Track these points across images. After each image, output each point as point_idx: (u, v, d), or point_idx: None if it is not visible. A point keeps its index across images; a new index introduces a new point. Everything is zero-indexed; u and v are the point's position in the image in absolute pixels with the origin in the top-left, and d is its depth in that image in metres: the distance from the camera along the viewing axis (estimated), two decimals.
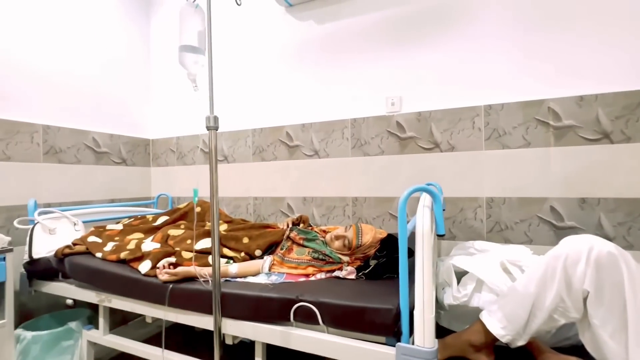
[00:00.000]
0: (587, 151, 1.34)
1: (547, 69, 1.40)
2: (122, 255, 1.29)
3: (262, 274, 1.17)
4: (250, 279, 1.14)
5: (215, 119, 0.90)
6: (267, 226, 1.49)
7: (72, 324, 1.44)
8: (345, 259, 1.20)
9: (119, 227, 1.61)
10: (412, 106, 1.64)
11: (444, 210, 1.52)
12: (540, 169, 1.41)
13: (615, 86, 1.31)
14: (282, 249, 1.27)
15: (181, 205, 1.72)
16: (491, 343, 0.81)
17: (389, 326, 0.83)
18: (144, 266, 1.20)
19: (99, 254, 1.35)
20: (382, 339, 0.88)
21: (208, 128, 0.90)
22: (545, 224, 1.41)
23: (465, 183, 1.53)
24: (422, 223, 0.78)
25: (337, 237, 1.23)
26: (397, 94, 1.67)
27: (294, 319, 0.95)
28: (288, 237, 1.33)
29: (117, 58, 2.14)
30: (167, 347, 1.20)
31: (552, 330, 0.89)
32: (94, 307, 1.51)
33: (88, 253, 1.39)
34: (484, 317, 0.80)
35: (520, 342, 0.76)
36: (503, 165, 1.47)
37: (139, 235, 1.49)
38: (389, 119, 1.68)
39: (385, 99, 1.69)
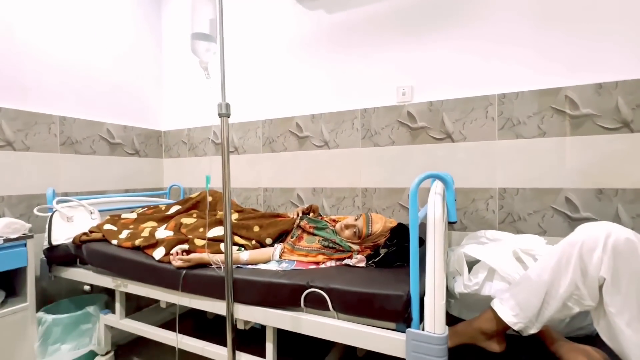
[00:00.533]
0: (605, 140, 1.30)
1: (565, 56, 1.36)
2: (137, 242, 1.33)
3: (273, 261, 1.19)
4: (261, 266, 1.15)
5: (227, 106, 0.91)
6: (278, 215, 1.50)
7: (90, 309, 1.49)
8: (355, 247, 1.20)
9: (134, 216, 1.65)
10: (423, 96, 1.62)
11: (455, 200, 1.51)
12: (555, 159, 1.38)
13: (636, 73, 1.26)
14: (292, 237, 1.28)
15: (193, 195, 1.75)
16: (502, 331, 0.80)
17: (399, 312, 0.83)
18: (158, 253, 1.23)
19: (114, 241, 1.39)
20: (392, 325, 0.88)
21: (220, 115, 0.90)
22: (559, 215, 1.38)
23: (477, 174, 1.51)
24: (434, 209, 0.78)
25: (347, 226, 1.24)
26: (408, 83, 1.64)
27: (304, 304, 0.96)
28: (298, 225, 1.34)
29: (129, 50, 2.17)
30: (181, 333, 1.23)
31: (566, 319, 0.88)
32: (110, 293, 1.56)
33: (104, 240, 1.43)
34: (496, 304, 0.80)
35: (533, 330, 0.75)
36: (517, 155, 1.44)
37: (153, 223, 1.53)
38: (400, 109, 1.66)
39: (396, 89, 1.67)
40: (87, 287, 1.51)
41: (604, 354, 0.75)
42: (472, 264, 1.04)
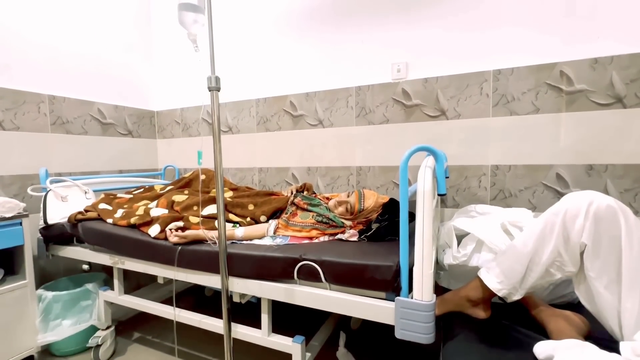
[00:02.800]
0: (598, 116, 1.31)
1: (561, 29, 1.34)
2: (132, 220, 1.34)
3: (267, 236, 1.20)
4: (255, 242, 1.17)
5: (217, 79, 0.89)
6: (272, 193, 1.51)
7: (89, 285, 1.52)
8: (348, 223, 1.22)
9: (129, 196, 1.66)
10: (418, 72, 1.60)
11: (447, 177, 1.53)
12: (548, 136, 1.39)
13: (633, 47, 1.25)
14: (286, 214, 1.30)
15: (186, 175, 1.75)
16: (488, 298, 0.83)
17: (388, 282, 0.86)
18: (154, 230, 1.24)
19: (109, 220, 1.40)
20: (382, 294, 0.91)
21: (210, 89, 0.89)
22: (549, 191, 1.40)
23: (471, 151, 1.52)
24: (424, 182, 0.79)
25: (340, 203, 1.25)
26: (403, 60, 1.62)
27: (298, 277, 0.98)
28: (292, 202, 1.35)
29: (117, 26, 2.10)
30: (180, 308, 1.26)
31: (549, 287, 0.92)
32: (108, 272, 1.58)
33: (99, 219, 1.44)
34: (482, 273, 0.82)
35: (516, 297, 0.78)
36: (510, 132, 1.44)
37: (146, 202, 1.53)
38: (395, 87, 1.64)
39: (391, 66, 1.64)
40: (85, 266, 1.53)
41: (583, 317, 0.78)
42: (461, 237, 1.07)
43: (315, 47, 1.82)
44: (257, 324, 1.12)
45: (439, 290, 1.04)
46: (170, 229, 1.21)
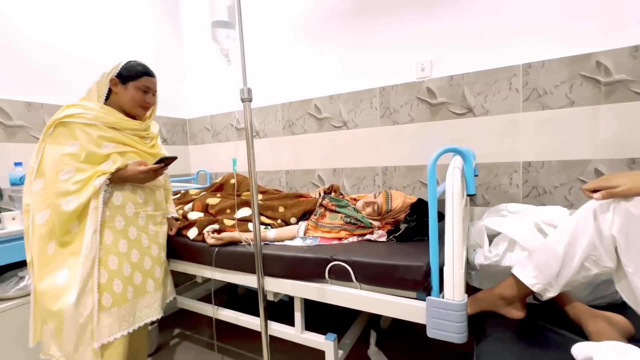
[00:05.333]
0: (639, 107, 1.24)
1: (596, 16, 1.28)
2: None
3: (298, 238, 1.25)
4: (287, 243, 1.22)
5: (249, 90, 0.95)
6: (300, 195, 1.56)
7: None
8: (376, 223, 1.24)
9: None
10: (443, 70, 1.58)
11: (476, 176, 1.50)
12: (584, 129, 1.33)
13: None
14: (315, 215, 1.34)
15: (217, 180, 1.84)
16: (523, 297, 0.82)
17: (419, 282, 0.87)
18: (192, 232, 1.33)
19: None
20: (413, 294, 0.93)
21: (243, 100, 0.95)
22: None
23: (501, 148, 1.48)
24: (452, 183, 0.79)
25: (367, 204, 1.27)
26: (427, 58, 1.61)
27: (329, 276, 1.02)
28: (321, 204, 1.39)
29: (152, 46, 2.24)
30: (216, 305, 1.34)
31: (589, 287, 0.89)
32: None
33: None
34: (516, 270, 0.82)
35: (552, 294, 0.77)
36: (542, 127, 1.40)
37: (181, 206, 1.63)
38: (419, 85, 1.64)
39: (414, 65, 1.64)
40: None
41: (625, 319, 0.75)
42: (492, 237, 1.05)
43: (337, 50, 1.85)
44: (288, 322, 1.17)
45: (470, 290, 1.04)
46: (207, 232, 1.28)
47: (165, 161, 1.11)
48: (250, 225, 1.30)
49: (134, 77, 1.12)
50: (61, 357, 0.97)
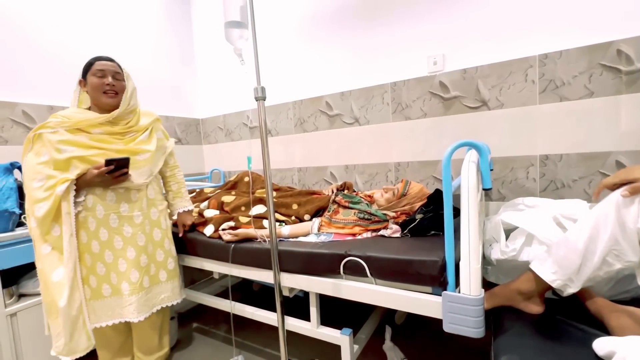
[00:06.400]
0: None
1: (616, 3, 1.23)
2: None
3: (312, 234, 1.26)
4: (301, 239, 1.24)
5: (263, 89, 0.96)
6: (314, 193, 1.57)
7: None
8: (391, 214, 1.24)
9: None
10: (456, 64, 1.56)
11: (492, 170, 1.48)
12: (605, 121, 1.29)
13: None
14: (329, 212, 1.35)
15: (231, 178, 1.87)
16: (542, 292, 0.81)
17: (434, 277, 0.87)
18: (209, 229, 1.36)
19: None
20: (429, 289, 0.93)
21: (257, 99, 0.96)
22: None
23: (516, 141, 1.45)
24: (468, 177, 0.79)
25: (387, 190, 1.30)
26: (440, 51, 1.59)
27: (344, 272, 1.03)
28: (334, 201, 1.40)
29: (164, 46, 2.29)
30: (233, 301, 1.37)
31: (611, 282, 0.87)
32: None
33: None
34: (534, 265, 0.80)
35: (572, 290, 0.76)
36: (560, 119, 1.36)
37: (197, 203, 1.67)
38: (431, 80, 1.62)
39: (426, 59, 1.62)
40: None
41: None
42: (509, 232, 1.04)
43: (347, 46, 1.85)
44: (304, 317, 1.18)
45: (485, 285, 1.03)
46: (223, 229, 1.31)
47: (117, 162, 1.06)
48: (265, 222, 1.32)
49: (87, 67, 1.15)
50: (62, 344, 1.04)
